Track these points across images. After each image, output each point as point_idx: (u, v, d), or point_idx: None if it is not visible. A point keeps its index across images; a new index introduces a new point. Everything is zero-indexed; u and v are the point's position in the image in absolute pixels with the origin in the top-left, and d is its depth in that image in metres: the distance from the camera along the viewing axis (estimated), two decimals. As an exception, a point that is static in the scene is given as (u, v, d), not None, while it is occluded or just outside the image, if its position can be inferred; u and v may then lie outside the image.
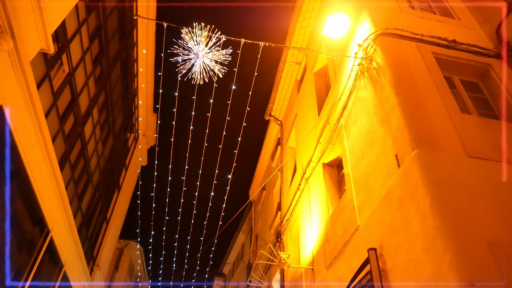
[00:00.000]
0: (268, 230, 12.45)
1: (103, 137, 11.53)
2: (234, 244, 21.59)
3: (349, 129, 6.41)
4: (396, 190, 4.49)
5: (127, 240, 20.82)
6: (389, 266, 4.40)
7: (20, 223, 7.01)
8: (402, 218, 4.27)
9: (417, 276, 3.82)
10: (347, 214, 5.94)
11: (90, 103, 9.81)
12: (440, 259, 3.51)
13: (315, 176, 8.02)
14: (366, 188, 5.35)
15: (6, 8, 5.13)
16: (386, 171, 4.81)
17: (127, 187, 15.72)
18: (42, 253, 7.68)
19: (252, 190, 17.71)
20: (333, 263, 6.25)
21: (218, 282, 25.65)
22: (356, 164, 5.85)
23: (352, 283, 5.10)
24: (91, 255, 12.21)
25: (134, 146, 16.26)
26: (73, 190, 9.54)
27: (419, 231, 3.90)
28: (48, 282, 8.60)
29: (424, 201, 3.89)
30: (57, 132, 8.03)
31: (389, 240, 4.50)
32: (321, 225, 7.14)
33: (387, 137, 4.92)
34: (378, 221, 4.83)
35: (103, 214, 13.08)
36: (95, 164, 11.14)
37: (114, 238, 15.07)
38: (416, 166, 4.13)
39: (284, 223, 10.12)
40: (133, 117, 15.06)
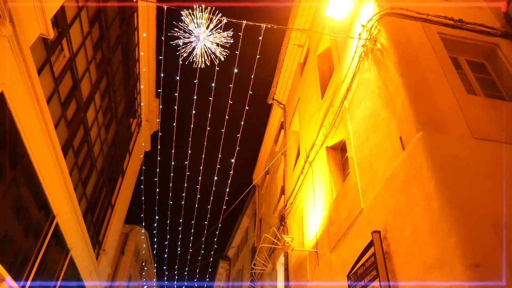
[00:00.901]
0: (272, 213, 12.51)
1: (105, 123, 11.51)
2: (238, 228, 21.77)
3: (352, 112, 6.34)
4: (400, 173, 4.45)
5: (132, 225, 21.02)
6: (393, 249, 4.40)
7: (26, 209, 7.06)
8: (406, 200, 4.24)
9: (421, 259, 3.81)
10: (351, 197, 5.93)
11: (92, 88, 9.76)
12: (445, 241, 3.49)
13: (319, 160, 7.99)
14: (370, 171, 5.32)
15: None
16: (390, 153, 4.77)
17: (131, 173, 15.78)
18: (48, 238, 7.75)
19: (256, 174, 17.74)
20: (336, 246, 6.27)
21: (223, 265, 25.98)
22: (360, 147, 5.81)
23: (355, 266, 5.12)
24: (96, 240, 12.34)
25: (137, 131, 16.25)
26: (77, 176, 9.57)
27: (424, 213, 3.87)
28: (55, 266, 8.72)
29: (428, 183, 3.86)
30: (59, 118, 8.01)
31: (393, 223, 4.49)
32: (325, 208, 7.14)
33: (392, 119, 4.86)
34: (382, 204, 4.81)
35: (108, 200, 13.17)
36: (98, 150, 11.16)
37: (119, 223, 15.21)
38: (421, 148, 4.08)
39: (288, 207, 10.15)
40: (136, 103, 15.00)
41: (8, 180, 6.21)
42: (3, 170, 6.03)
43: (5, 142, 5.92)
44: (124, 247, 20.74)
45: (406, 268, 4.08)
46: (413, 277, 3.91)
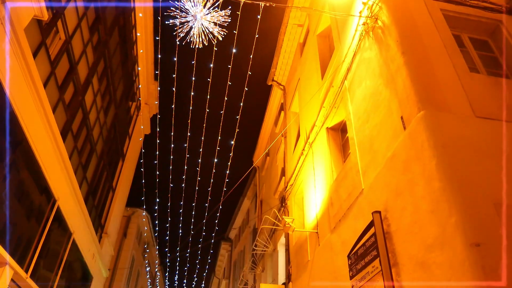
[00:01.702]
0: (273, 195, 12.55)
1: (104, 106, 11.43)
2: (239, 209, 21.91)
3: (353, 92, 6.26)
4: (401, 153, 4.41)
5: (134, 208, 21.15)
6: (394, 229, 4.40)
7: (27, 193, 7.06)
8: (407, 180, 4.22)
9: (421, 238, 3.81)
10: (351, 177, 5.91)
11: (89, 71, 9.64)
12: (446, 221, 3.48)
13: (319, 141, 7.95)
14: (371, 152, 5.28)
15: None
16: (391, 133, 4.72)
17: (131, 156, 15.77)
18: (49, 222, 7.79)
19: (256, 156, 17.75)
20: (337, 227, 6.29)
21: (224, 246, 26.28)
22: (361, 127, 5.75)
23: (356, 246, 5.14)
24: (99, 223, 12.42)
25: (136, 114, 16.17)
26: (77, 160, 9.56)
27: (425, 193, 3.85)
28: (58, 249, 8.79)
29: (430, 163, 3.82)
30: (57, 102, 7.94)
31: (393, 203, 4.48)
32: (325, 189, 7.14)
33: (393, 99, 4.79)
34: (383, 184, 4.79)
35: (109, 183, 13.19)
36: (98, 134, 11.11)
37: (121, 206, 15.30)
38: (422, 127, 4.03)
39: (288, 188, 10.17)
40: (134, 85, 14.87)
41: (8, 165, 6.19)
42: (2, 154, 6.00)
43: (3, 126, 5.87)
44: (127, 230, 20.92)
45: (406, 247, 4.08)
46: (413, 256, 3.92)
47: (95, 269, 12.05)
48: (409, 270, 3.96)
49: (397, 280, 4.15)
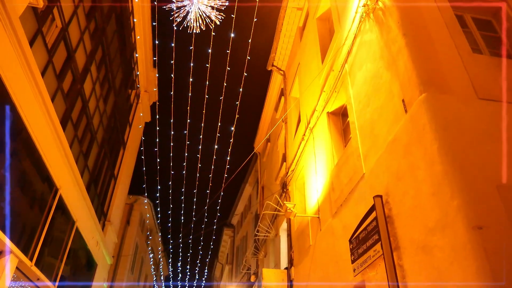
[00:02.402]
0: (274, 181, 12.57)
1: (103, 94, 11.37)
2: (241, 196, 22.00)
3: (353, 76, 6.19)
4: (402, 136, 4.37)
5: (136, 195, 21.26)
6: (395, 213, 4.39)
7: (29, 182, 7.07)
8: (408, 164, 4.18)
9: (423, 222, 3.80)
10: (352, 162, 5.88)
11: (87, 59, 9.56)
12: (448, 204, 3.46)
13: (320, 126, 7.90)
14: (372, 136, 5.24)
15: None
16: (393, 117, 4.67)
17: (132, 144, 15.77)
18: (52, 210, 7.82)
19: (257, 142, 17.72)
20: (338, 211, 6.29)
21: (227, 232, 26.48)
22: (361, 111, 5.70)
23: (357, 230, 5.14)
24: (101, 211, 12.49)
25: (136, 102, 16.10)
26: (77, 148, 9.55)
27: (426, 176, 3.83)
28: (62, 238, 8.85)
29: (431, 146, 3.78)
30: (55, 91, 7.88)
31: (395, 187, 4.46)
32: (327, 174, 7.12)
33: (394, 82, 4.73)
34: (384, 168, 4.77)
35: (111, 171, 13.22)
36: (98, 122, 11.08)
37: (123, 194, 15.36)
38: (424, 110, 3.97)
39: (290, 174, 10.17)
40: (133, 73, 14.77)
41: (8, 154, 6.18)
42: (3, 145, 5.98)
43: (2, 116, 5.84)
44: (130, 217, 21.07)
45: (408, 231, 4.08)
46: (415, 240, 3.91)
47: (99, 256, 12.16)
48: (411, 254, 3.97)
49: (398, 263, 4.15)
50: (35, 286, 7.85)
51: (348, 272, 5.50)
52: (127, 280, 20.51)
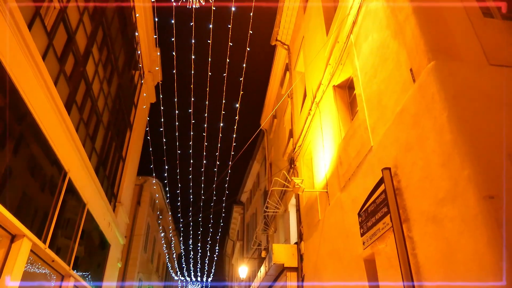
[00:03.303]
0: (282, 157, 12.54)
1: (107, 76, 11.28)
2: (249, 173, 22.09)
3: (359, 47, 6.02)
4: (411, 107, 4.26)
5: (145, 176, 21.44)
6: (404, 185, 4.34)
7: (39, 167, 7.12)
8: (417, 135, 4.09)
9: (433, 193, 3.74)
10: (359, 135, 5.80)
11: (88, 41, 9.43)
12: (458, 174, 3.39)
13: (326, 100, 7.78)
14: (379, 107, 5.13)
15: None
16: (400, 87, 4.55)
17: (139, 125, 15.77)
18: (62, 193, 7.90)
19: (263, 119, 17.62)
20: (347, 185, 6.26)
21: (237, 210, 26.76)
22: (368, 83, 5.57)
23: (366, 203, 5.11)
24: (112, 193, 12.61)
25: (140, 83, 16.01)
26: (84, 131, 9.55)
27: (436, 147, 3.74)
28: (74, 220, 8.98)
29: (441, 115, 3.68)
30: (58, 74, 7.82)
31: (403, 159, 4.38)
32: (334, 149, 7.06)
33: (401, 51, 4.58)
34: (392, 140, 4.68)
35: (118, 153, 13.28)
36: (103, 104, 11.04)
37: (132, 175, 15.48)
38: (433, 78, 3.85)
39: (297, 150, 10.11)
40: (136, 54, 14.61)
41: (14, 140, 6.19)
42: (9, 130, 5.98)
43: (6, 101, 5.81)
44: (140, 198, 21.33)
45: (417, 203, 4.03)
46: (424, 211, 3.87)
47: (112, 237, 12.37)
48: (421, 225, 3.93)
49: (408, 235, 4.13)
50: (50, 267, 8.03)
51: (358, 245, 5.50)
52: (141, 258, 20.97)
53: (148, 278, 23.79)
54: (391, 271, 4.46)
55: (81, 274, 9.47)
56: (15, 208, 6.19)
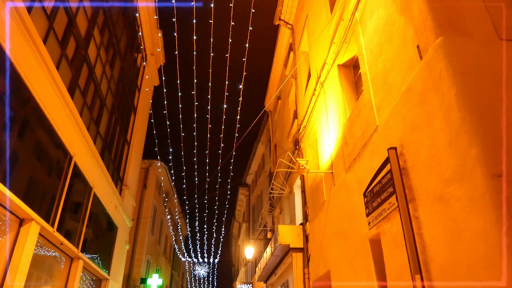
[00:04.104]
0: (286, 138, 12.49)
1: (109, 60, 11.19)
2: (254, 155, 22.11)
3: (364, 24, 5.87)
4: (417, 85, 4.17)
5: (151, 159, 21.53)
6: (410, 164, 4.29)
7: (45, 151, 7.14)
8: (424, 113, 4.02)
9: (440, 172, 3.69)
10: (365, 115, 5.72)
11: (89, 23, 9.31)
12: (466, 153, 3.33)
13: (331, 79, 7.67)
14: (385, 86, 5.04)
15: None
16: (407, 65, 4.45)
17: (143, 108, 15.73)
18: (68, 177, 7.94)
19: (267, 100, 17.50)
20: (352, 166, 6.22)
21: (242, 191, 26.91)
22: (374, 61, 5.46)
23: (372, 184, 5.08)
24: (117, 176, 12.69)
25: (143, 66, 15.89)
26: (88, 116, 9.54)
27: (443, 125, 3.67)
28: (81, 204, 9.06)
29: (449, 93, 3.59)
30: (60, 58, 7.75)
31: (410, 138, 4.32)
32: (339, 129, 6.99)
33: (408, 27, 4.45)
34: (398, 119, 4.61)
35: (123, 137, 13.29)
36: (106, 88, 10.99)
37: (138, 158, 15.54)
38: (441, 55, 3.74)
39: (301, 131, 10.05)
40: (138, 36, 14.45)
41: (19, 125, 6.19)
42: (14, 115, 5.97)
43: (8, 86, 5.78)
44: (146, 181, 21.48)
45: (424, 182, 3.99)
46: (431, 191, 3.83)
47: (119, 220, 12.51)
48: (427, 205, 3.90)
49: (414, 215, 4.10)
50: (59, 250, 8.15)
51: (363, 225, 5.50)
52: (148, 241, 21.26)
53: (156, 259, 24.19)
54: (397, 251, 4.46)
55: (89, 256, 9.62)
56: (23, 192, 6.25)
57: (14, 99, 6.02)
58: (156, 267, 24.27)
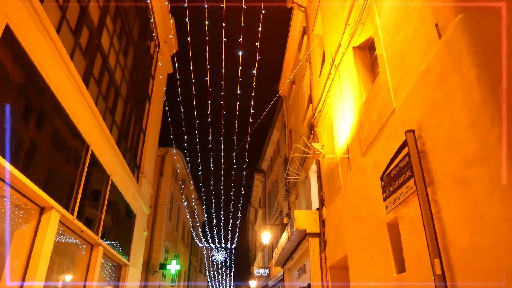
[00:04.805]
0: (301, 123, 12.39)
1: (122, 48, 11.22)
2: (269, 141, 22.06)
3: (380, 3, 5.70)
4: (436, 65, 4.03)
5: (166, 147, 21.73)
6: (429, 147, 4.18)
7: (62, 141, 7.25)
8: (443, 94, 3.89)
9: (459, 154, 3.59)
10: (381, 97, 5.60)
11: (101, 12, 9.32)
12: (487, 134, 3.22)
13: (346, 62, 7.52)
14: (402, 67, 4.90)
15: None
16: (425, 44, 4.30)
17: (157, 96, 15.80)
18: (86, 166, 8.06)
19: (281, 85, 17.34)
20: (368, 150, 6.13)
21: (258, 177, 26.98)
22: (390, 42, 5.30)
23: (389, 168, 5.00)
24: (134, 164, 12.84)
25: (156, 54, 15.89)
26: (103, 105, 9.62)
27: (463, 106, 3.55)
28: (99, 192, 9.22)
29: (469, 72, 3.46)
30: (73, 47, 7.79)
31: (428, 120, 4.21)
32: (355, 113, 6.88)
33: (426, 5, 4.29)
34: (416, 101, 4.49)
35: (139, 125, 13.41)
36: (120, 77, 11.04)
37: (154, 146, 15.68)
38: (461, 33, 3.60)
39: (317, 115, 9.94)
40: (150, 24, 14.42)
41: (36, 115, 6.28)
42: (31, 106, 6.06)
43: (23, 77, 5.84)
44: (162, 169, 21.73)
45: (443, 165, 3.89)
46: (450, 174, 3.73)
47: (137, 207, 12.72)
48: (446, 188, 3.81)
49: (433, 199, 4.02)
50: (80, 237, 8.34)
51: (380, 210, 5.44)
52: (166, 227, 21.61)
53: (174, 246, 24.62)
54: (415, 235, 4.40)
55: (109, 243, 9.82)
56: (43, 181, 6.37)
57: (30, 89, 6.10)
58: (175, 253, 24.71)
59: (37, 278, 6.06)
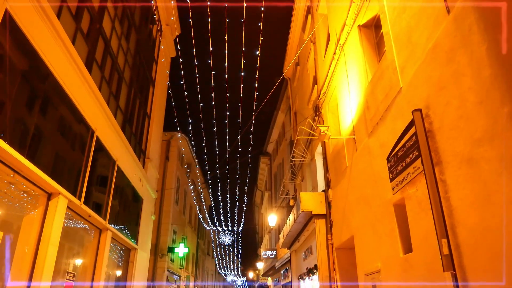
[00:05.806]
0: (306, 105, 12.28)
1: (124, 32, 11.10)
2: (274, 123, 21.98)
3: (386, -20, 5.53)
4: (444, 41, 3.92)
5: (172, 132, 21.73)
6: (436, 126, 4.11)
7: (67, 127, 7.25)
8: (451, 72, 3.79)
9: (468, 133, 3.52)
10: (387, 77, 5.49)
11: (102, -4, 9.18)
12: (497, 111, 3.14)
13: (351, 41, 7.37)
14: (409, 45, 4.78)
15: None
16: (433, 21, 4.17)
17: (161, 80, 15.71)
18: (91, 151, 8.08)
19: (286, 67, 17.15)
20: (374, 130, 6.05)
21: (264, 160, 27.01)
22: (397, 19, 5.16)
23: (395, 148, 4.93)
24: (140, 149, 12.87)
25: (159, 38, 15.73)
26: (107, 90, 9.58)
27: (472, 83, 3.46)
28: (106, 178, 9.26)
29: (479, 48, 3.36)
30: (75, 32, 7.72)
31: (436, 99, 4.12)
32: (360, 93, 6.77)
33: (433, -20, 4.15)
34: (424, 79, 4.39)
35: (143, 110, 13.37)
36: (123, 61, 10.96)
37: (159, 131, 15.68)
38: (470, 8, 3.47)
39: (322, 96, 9.83)
40: (152, 7, 14.22)
41: (41, 102, 6.26)
42: (35, 92, 6.03)
43: (26, 63, 5.80)
44: (168, 153, 21.78)
45: (451, 144, 3.82)
46: (459, 153, 3.67)
47: (144, 191, 12.80)
48: (454, 168, 3.75)
49: (440, 179, 3.97)
50: (88, 222, 8.43)
51: (387, 190, 5.40)
52: (173, 211, 21.80)
53: (182, 229, 24.90)
54: (422, 215, 4.37)
55: (117, 227, 9.93)
56: (50, 168, 6.40)
57: (33, 76, 6.06)
58: (182, 236, 25.01)
59: (47, 263, 6.15)
